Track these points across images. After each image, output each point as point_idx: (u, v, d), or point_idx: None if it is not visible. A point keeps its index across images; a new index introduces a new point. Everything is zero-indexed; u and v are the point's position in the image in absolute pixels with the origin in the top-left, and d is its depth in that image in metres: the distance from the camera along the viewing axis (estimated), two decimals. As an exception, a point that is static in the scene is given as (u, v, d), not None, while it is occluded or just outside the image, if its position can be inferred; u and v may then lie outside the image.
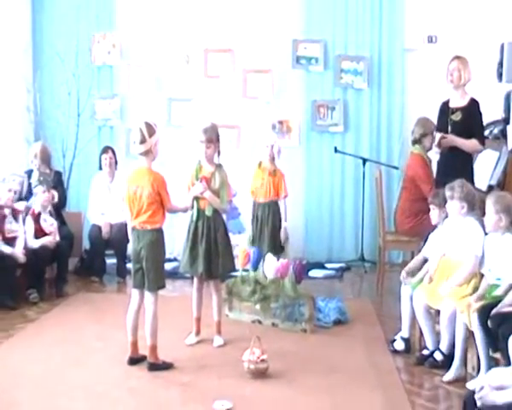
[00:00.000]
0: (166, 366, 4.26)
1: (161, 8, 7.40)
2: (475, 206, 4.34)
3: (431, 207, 4.76)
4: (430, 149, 6.02)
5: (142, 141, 4.15)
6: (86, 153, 7.18)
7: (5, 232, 5.65)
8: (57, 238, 5.97)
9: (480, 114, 5.38)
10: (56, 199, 6.12)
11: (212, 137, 4.56)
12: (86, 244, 6.79)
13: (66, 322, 5.24)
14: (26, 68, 7.32)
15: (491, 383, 2.93)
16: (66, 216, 6.58)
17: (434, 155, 5.85)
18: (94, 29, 7.38)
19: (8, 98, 6.98)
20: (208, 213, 4.57)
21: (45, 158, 6.44)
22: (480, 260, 4.20)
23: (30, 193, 6.25)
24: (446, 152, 5.41)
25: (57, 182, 6.50)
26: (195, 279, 4.77)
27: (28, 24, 7.42)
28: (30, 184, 6.32)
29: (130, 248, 4.37)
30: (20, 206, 6.00)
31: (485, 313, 3.84)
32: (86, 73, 7.31)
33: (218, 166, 4.63)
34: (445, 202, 4.47)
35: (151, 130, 4.17)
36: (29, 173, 6.42)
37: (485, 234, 4.17)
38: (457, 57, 5.35)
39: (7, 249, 5.56)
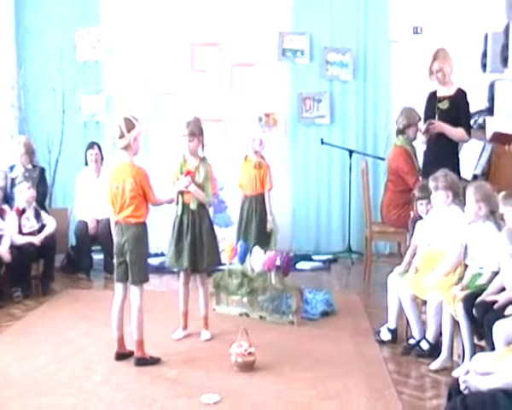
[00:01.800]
0: (154, 361, 4.26)
1: (147, 3, 7.36)
2: (459, 194, 4.37)
3: (419, 202, 4.75)
4: (414, 139, 6.03)
5: (121, 136, 4.15)
6: (72, 149, 7.13)
7: (-9, 231, 5.63)
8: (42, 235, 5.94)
9: (467, 103, 5.38)
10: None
11: (195, 131, 4.55)
12: (72, 240, 6.77)
13: (52, 319, 5.22)
14: (9, 64, 7.26)
15: (477, 368, 2.95)
16: (52, 212, 6.53)
17: (420, 145, 5.85)
18: (79, 24, 7.33)
19: (-9, 94, 6.94)
20: (193, 206, 4.56)
21: (28, 150, 6.41)
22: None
23: (12, 187, 6.21)
24: (433, 142, 5.40)
25: (40, 178, 6.46)
26: (182, 274, 4.77)
27: (12, 19, 7.35)
28: (12, 179, 6.28)
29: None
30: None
31: (469, 301, 3.87)
32: (71, 68, 7.25)
33: (203, 160, 4.62)
34: (431, 193, 4.49)
35: (130, 125, 4.17)
36: (11, 168, 6.38)
37: (469, 223, 4.19)
38: (437, 58, 5.27)
39: (-9, 248, 5.53)
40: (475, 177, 5.63)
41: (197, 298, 4.78)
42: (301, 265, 6.76)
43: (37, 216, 6.02)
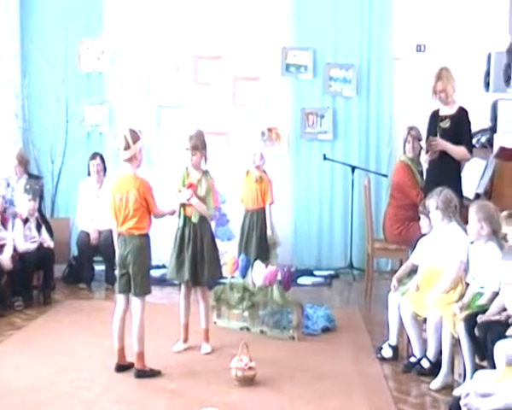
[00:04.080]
0: (154, 374, 4.25)
1: (151, 15, 7.41)
2: (452, 211, 4.38)
3: (421, 216, 4.78)
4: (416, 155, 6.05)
5: (126, 147, 4.16)
6: (75, 159, 7.15)
7: (-6, 240, 5.65)
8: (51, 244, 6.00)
9: (469, 122, 5.38)
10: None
11: (198, 144, 4.55)
12: (74, 251, 6.77)
13: (53, 329, 5.22)
14: (14, 74, 7.29)
15: (477, 389, 2.94)
16: (55, 222, 6.55)
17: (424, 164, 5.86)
18: (83, 35, 7.38)
19: (-4, 104, 6.97)
20: (195, 219, 4.56)
21: (22, 161, 6.41)
22: (464, 268, 4.23)
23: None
24: (435, 161, 5.41)
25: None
26: (183, 286, 4.76)
27: (17, 30, 7.40)
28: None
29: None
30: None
31: (471, 321, 3.86)
32: (75, 79, 7.29)
33: (205, 173, 4.62)
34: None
35: (135, 136, 4.18)
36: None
37: (471, 242, 4.20)
38: (440, 78, 5.26)
39: (-7, 256, 5.54)
40: (478, 196, 5.64)
41: (198, 311, 4.77)
42: (302, 280, 6.75)
43: (39, 228, 6.05)
